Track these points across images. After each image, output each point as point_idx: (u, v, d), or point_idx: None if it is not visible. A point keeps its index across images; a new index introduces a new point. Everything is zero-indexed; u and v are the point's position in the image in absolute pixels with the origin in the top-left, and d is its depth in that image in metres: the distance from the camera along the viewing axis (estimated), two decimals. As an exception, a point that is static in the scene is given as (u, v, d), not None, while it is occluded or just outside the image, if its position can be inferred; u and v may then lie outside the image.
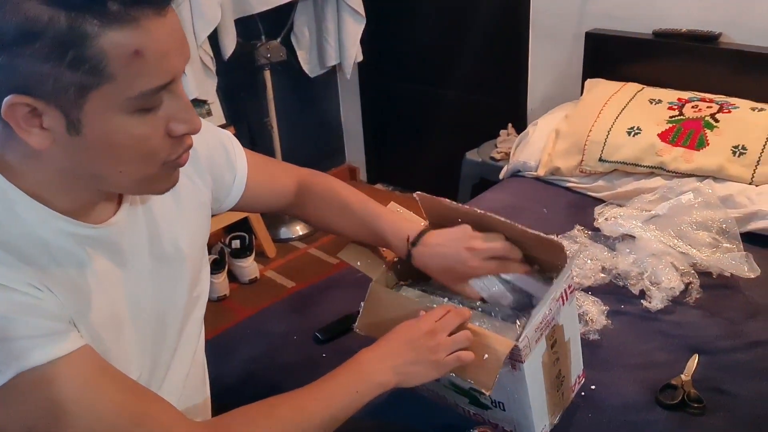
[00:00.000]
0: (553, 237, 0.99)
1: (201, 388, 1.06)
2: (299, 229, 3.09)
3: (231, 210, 1.09)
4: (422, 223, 1.12)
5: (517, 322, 1.01)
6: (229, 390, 1.28)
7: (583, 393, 1.24)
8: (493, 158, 2.51)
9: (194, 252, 0.96)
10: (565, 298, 1.01)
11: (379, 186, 3.55)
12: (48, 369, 0.70)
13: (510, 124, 2.68)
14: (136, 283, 0.86)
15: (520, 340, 0.92)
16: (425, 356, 0.94)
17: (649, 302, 1.50)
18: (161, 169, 0.76)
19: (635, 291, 1.54)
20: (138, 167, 0.74)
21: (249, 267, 2.71)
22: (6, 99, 0.65)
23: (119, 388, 0.77)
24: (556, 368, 1.06)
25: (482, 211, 1.03)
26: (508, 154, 2.46)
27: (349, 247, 1.15)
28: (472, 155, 2.58)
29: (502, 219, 1.01)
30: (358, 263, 1.11)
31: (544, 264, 1.07)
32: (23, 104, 0.66)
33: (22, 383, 0.69)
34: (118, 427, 0.75)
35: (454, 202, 1.07)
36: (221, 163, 1.02)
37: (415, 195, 1.10)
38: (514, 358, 0.94)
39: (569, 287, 1.02)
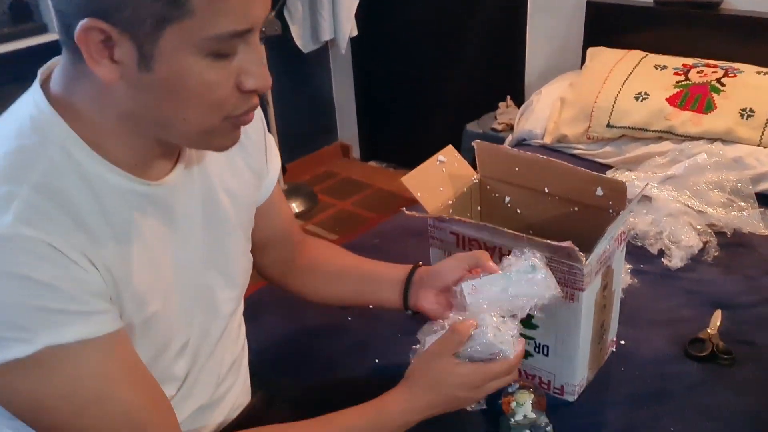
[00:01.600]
0: (616, 178, 0.98)
1: (242, 353, 1.04)
2: (295, 206, 3.06)
3: None
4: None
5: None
6: (258, 354, 1.26)
7: (613, 349, 1.25)
8: (494, 129, 2.51)
9: (245, 221, 0.94)
10: (619, 241, 1.01)
11: (372, 163, 3.53)
12: (76, 348, 0.67)
13: (509, 97, 2.68)
14: (185, 247, 0.82)
15: (586, 263, 0.92)
16: (460, 407, 0.89)
17: (669, 261, 1.51)
18: (223, 123, 0.73)
19: (653, 251, 1.56)
20: (202, 116, 0.71)
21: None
22: (82, 22, 0.63)
23: (135, 386, 0.74)
24: (602, 317, 1.07)
25: (544, 156, 1.03)
26: (509, 125, 2.46)
27: (414, 175, 1.11)
28: (472, 127, 2.58)
29: (564, 163, 1.01)
30: (419, 194, 1.09)
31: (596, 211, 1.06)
32: (98, 30, 0.63)
33: (47, 357, 0.66)
34: (117, 428, 0.72)
35: (514, 149, 1.07)
36: (262, 151, 0.97)
37: (473, 143, 1.09)
38: (575, 286, 0.94)
39: (623, 233, 1.02)
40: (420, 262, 1.03)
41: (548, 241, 0.92)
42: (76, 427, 0.70)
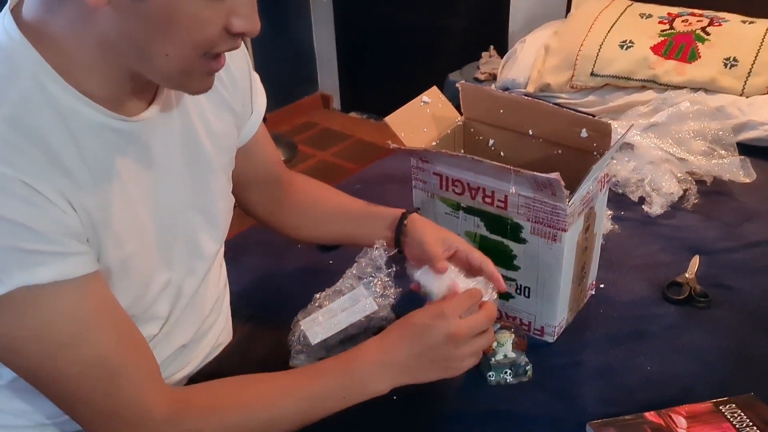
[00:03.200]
0: (602, 119, 0.98)
1: (224, 291, 1.04)
2: (275, 157, 3.03)
3: None
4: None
5: None
6: (239, 296, 1.26)
7: (593, 292, 1.27)
8: (477, 79, 2.48)
9: (226, 162, 0.92)
10: (602, 184, 1.01)
11: (353, 114, 3.49)
12: (50, 290, 0.66)
13: (492, 46, 2.65)
14: (164, 187, 0.81)
15: (569, 202, 0.92)
16: (441, 365, 0.83)
17: (650, 208, 1.52)
18: (201, 61, 0.70)
19: (634, 198, 1.57)
20: (185, 53, 0.68)
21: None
22: None
23: (110, 329, 0.72)
24: (583, 259, 1.07)
25: (529, 98, 1.02)
26: (492, 75, 2.43)
27: (398, 115, 1.10)
28: (455, 76, 2.54)
29: (549, 104, 1.00)
30: (402, 134, 1.08)
31: (580, 153, 1.05)
32: None
33: (21, 298, 0.65)
34: (91, 373, 0.71)
35: (499, 90, 1.05)
36: (247, 91, 0.95)
37: (458, 85, 1.08)
38: (557, 227, 0.94)
39: (606, 176, 1.02)
40: (418, 208, 1.03)
41: (533, 172, 0.91)
42: (49, 369, 0.69)
